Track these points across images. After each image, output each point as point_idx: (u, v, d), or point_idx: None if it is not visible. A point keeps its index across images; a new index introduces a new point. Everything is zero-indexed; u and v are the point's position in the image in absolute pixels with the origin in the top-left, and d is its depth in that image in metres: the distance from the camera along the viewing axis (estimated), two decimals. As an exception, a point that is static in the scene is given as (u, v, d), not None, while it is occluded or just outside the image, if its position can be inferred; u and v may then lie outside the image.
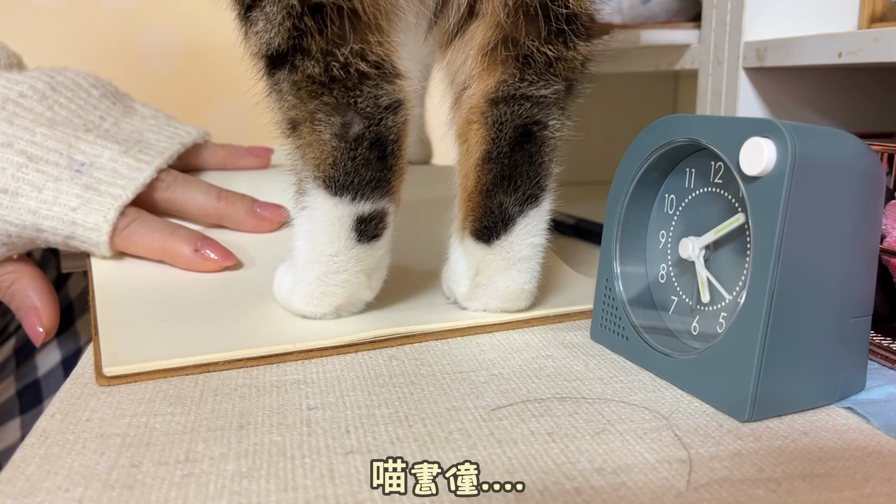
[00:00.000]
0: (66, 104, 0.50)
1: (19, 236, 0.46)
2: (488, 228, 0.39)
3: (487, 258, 0.40)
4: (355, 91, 0.34)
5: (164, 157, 0.50)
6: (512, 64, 0.37)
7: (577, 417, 0.31)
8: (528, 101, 0.37)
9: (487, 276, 0.40)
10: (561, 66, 0.37)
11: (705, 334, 0.35)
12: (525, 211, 0.39)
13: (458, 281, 0.42)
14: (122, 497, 0.25)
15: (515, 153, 0.37)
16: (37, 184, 0.45)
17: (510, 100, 0.37)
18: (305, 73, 0.34)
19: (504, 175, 0.38)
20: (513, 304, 0.42)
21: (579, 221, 0.67)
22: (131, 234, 0.47)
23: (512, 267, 0.40)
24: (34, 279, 0.48)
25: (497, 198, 0.38)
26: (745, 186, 0.31)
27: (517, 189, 0.38)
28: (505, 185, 0.38)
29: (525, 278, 0.41)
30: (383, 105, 0.35)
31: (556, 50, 0.37)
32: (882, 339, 0.38)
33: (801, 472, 0.27)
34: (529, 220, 0.39)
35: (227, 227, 0.52)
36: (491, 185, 0.38)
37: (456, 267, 0.42)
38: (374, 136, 0.35)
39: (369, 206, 0.36)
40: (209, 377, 0.35)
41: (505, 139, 0.37)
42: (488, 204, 0.39)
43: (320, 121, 0.35)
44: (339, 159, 0.35)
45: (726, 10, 0.53)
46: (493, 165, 0.38)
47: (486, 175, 0.38)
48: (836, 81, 0.55)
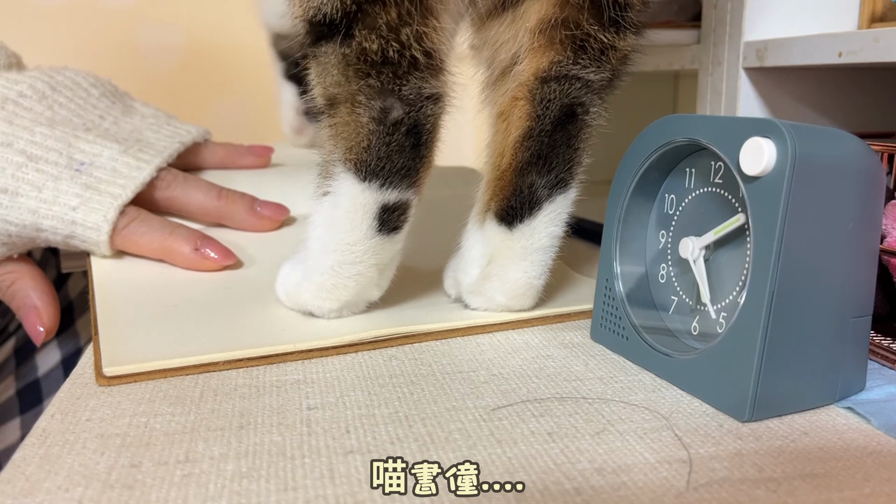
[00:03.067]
0: (65, 104, 0.50)
1: (19, 236, 0.46)
2: (514, 209, 0.39)
3: (506, 243, 0.40)
4: (403, 79, 0.34)
5: (163, 155, 0.50)
6: (569, 46, 0.37)
7: (577, 417, 0.31)
8: (578, 82, 0.38)
9: (500, 266, 0.40)
10: (612, 54, 0.38)
11: (705, 334, 0.35)
12: (553, 196, 0.39)
13: (466, 270, 0.41)
14: (122, 497, 0.25)
15: (556, 132, 0.38)
16: (36, 183, 0.45)
17: (561, 79, 0.37)
18: (361, 47, 0.33)
19: (541, 154, 0.38)
20: (518, 300, 0.41)
21: (579, 221, 0.67)
22: (131, 234, 0.46)
23: (527, 257, 0.40)
24: (34, 279, 0.48)
25: (529, 177, 0.38)
26: (745, 186, 0.31)
27: (551, 170, 0.38)
28: (540, 165, 0.38)
29: (537, 272, 0.41)
30: (426, 94, 0.35)
31: (610, 37, 0.37)
32: (882, 339, 0.38)
33: (801, 472, 0.27)
34: (555, 206, 0.39)
35: (228, 226, 0.52)
36: (526, 163, 0.38)
37: (468, 254, 0.41)
38: (412, 123, 0.35)
39: (395, 196, 0.36)
40: (209, 377, 0.35)
41: (549, 117, 0.38)
42: (519, 183, 0.39)
43: (361, 103, 0.34)
44: (373, 143, 0.35)
45: (726, 10, 0.53)
46: (533, 143, 0.38)
47: (524, 153, 0.38)
48: (836, 81, 0.55)
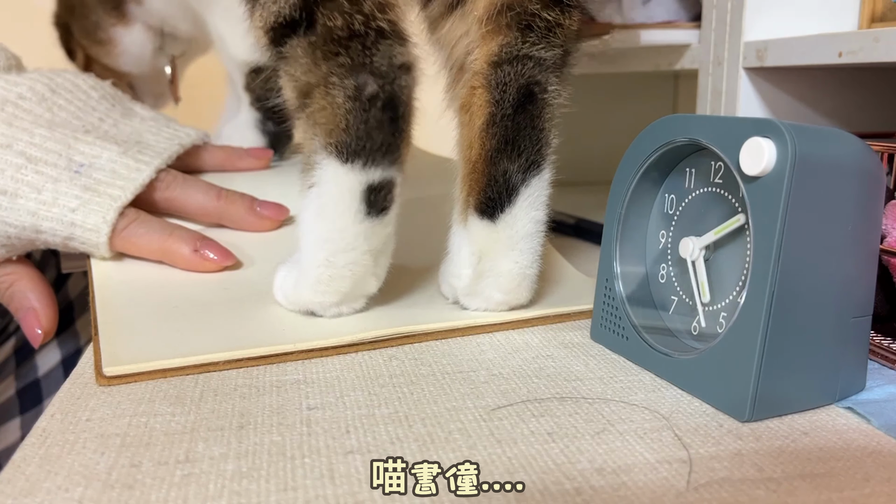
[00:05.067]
0: (65, 106, 0.50)
1: (18, 237, 0.46)
2: (492, 200, 0.40)
3: (492, 237, 0.40)
4: (372, 49, 0.35)
5: (163, 157, 0.50)
6: (514, 27, 0.39)
7: (577, 417, 0.31)
8: (530, 61, 0.39)
9: (490, 261, 0.41)
10: (559, 32, 0.39)
11: (705, 334, 0.35)
12: (528, 180, 0.40)
13: (458, 274, 0.42)
14: (122, 497, 0.25)
15: (518, 115, 0.39)
16: (36, 185, 0.45)
17: (513, 60, 0.39)
18: (326, 27, 0.35)
19: (508, 139, 0.39)
20: (514, 293, 0.42)
21: (579, 221, 0.67)
22: (130, 235, 0.46)
23: (515, 246, 0.41)
24: (33, 280, 0.48)
25: (501, 164, 0.39)
26: (746, 186, 0.31)
27: (521, 154, 0.39)
28: (509, 151, 0.39)
29: (527, 260, 0.41)
30: (398, 64, 0.36)
31: (554, 15, 0.39)
32: (882, 339, 0.38)
33: (801, 472, 0.27)
34: (532, 190, 0.40)
35: (227, 227, 0.52)
36: (495, 150, 0.39)
37: (457, 257, 0.42)
38: (387, 96, 0.36)
39: (379, 174, 0.37)
40: (209, 377, 0.35)
41: (508, 100, 0.39)
42: (492, 172, 0.39)
43: (334, 84, 0.36)
44: (352, 122, 0.36)
45: (726, 10, 0.53)
46: (497, 129, 0.39)
47: (491, 140, 0.39)
48: (836, 81, 0.55)
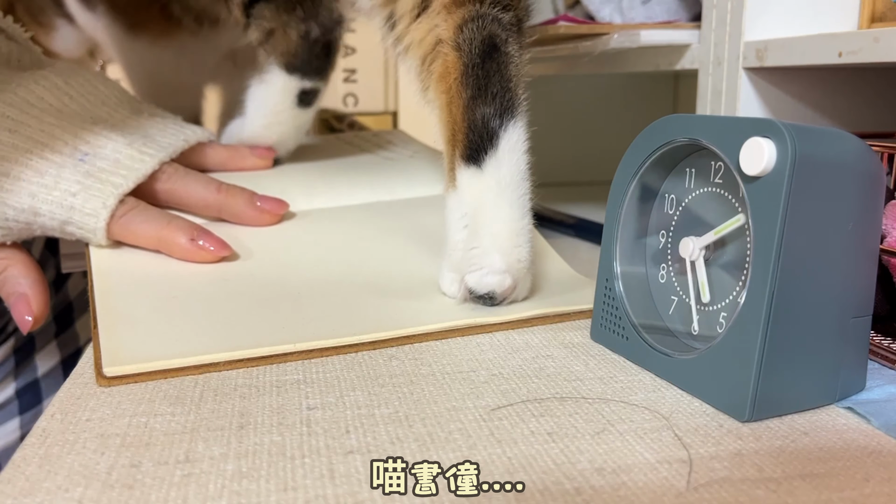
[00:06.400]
0: (76, 97, 0.50)
1: (16, 220, 0.46)
2: (476, 144, 0.44)
3: (481, 184, 0.43)
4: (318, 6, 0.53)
5: (167, 151, 0.50)
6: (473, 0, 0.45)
7: (577, 417, 0.31)
8: (488, 17, 0.45)
9: (482, 214, 0.43)
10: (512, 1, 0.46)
11: (705, 334, 0.35)
12: (505, 125, 0.44)
13: (454, 244, 0.44)
14: (122, 497, 0.25)
15: (487, 63, 0.44)
16: (39, 169, 0.45)
17: (474, 19, 0.45)
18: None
19: (480, 86, 0.44)
20: (512, 252, 0.42)
21: (579, 221, 0.67)
22: (129, 222, 0.46)
23: (502, 194, 0.43)
24: (26, 266, 0.47)
25: (479, 110, 0.44)
26: (746, 186, 0.31)
27: (494, 98, 0.44)
28: (484, 96, 0.44)
29: (517, 213, 0.43)
30: (335, 19, 0.55)
31: None
32: (882, 339, 0.38)
33: (801, 472, 0.27)
34: (510, 135, 0.44)
35: (228, 220, 0.52)
36: (471, 98, 0.44)
37: (454, 224, 0.44)
38: (325, 40, 0.55)
39: (311, 84, 0.57)
40: (209, 377, 0.35)
41: (475, 51, 0.44)
42: (472, 118, 0.44)
43: (291, 27, 0.54)
44: (300, 52, 0.55)
45: (726, 10, 0.53)
46: (470, 78, 0.44)
47: (466, 90, 0.44)
48: (836, 81, 0.55)
